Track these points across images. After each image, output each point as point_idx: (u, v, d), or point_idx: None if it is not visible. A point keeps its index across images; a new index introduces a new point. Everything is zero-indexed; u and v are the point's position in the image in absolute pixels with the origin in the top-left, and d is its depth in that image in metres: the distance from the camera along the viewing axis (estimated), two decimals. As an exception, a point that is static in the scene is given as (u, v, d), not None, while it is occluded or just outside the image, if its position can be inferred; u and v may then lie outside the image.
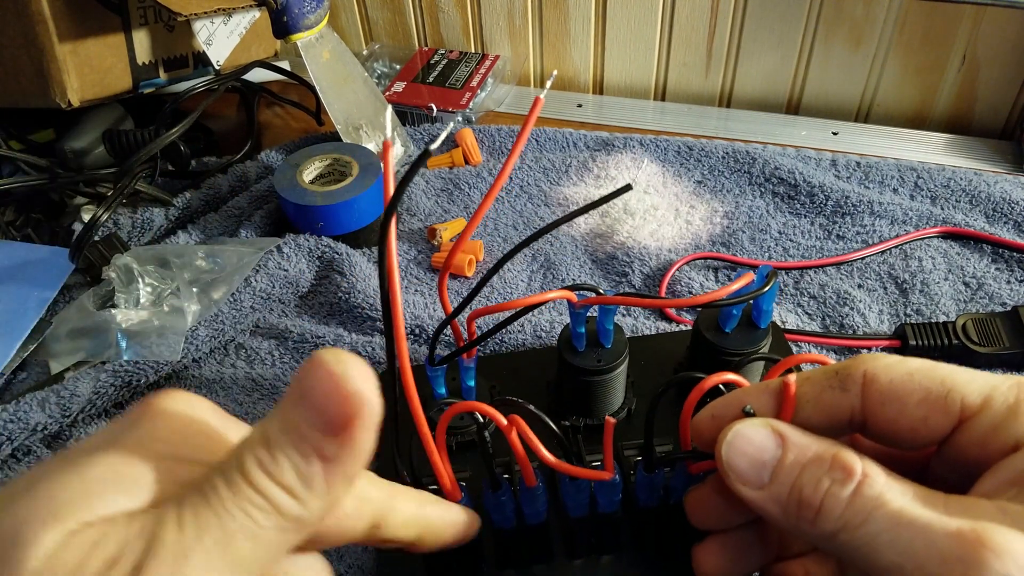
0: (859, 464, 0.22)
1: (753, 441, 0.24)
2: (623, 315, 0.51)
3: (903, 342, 0.47)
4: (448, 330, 0.38)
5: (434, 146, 0.25)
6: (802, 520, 0.22)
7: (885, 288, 0.52)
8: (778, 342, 0.44)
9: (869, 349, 0.48)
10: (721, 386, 0.29)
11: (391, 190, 0.25)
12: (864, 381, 0.24)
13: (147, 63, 0.62)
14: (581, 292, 0.35)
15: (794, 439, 0.24)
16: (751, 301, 0.37)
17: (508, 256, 0.34)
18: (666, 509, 0.35)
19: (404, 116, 0.70)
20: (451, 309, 0.37)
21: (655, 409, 0.30)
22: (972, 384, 0.23)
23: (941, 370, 0.23)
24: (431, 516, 0.27)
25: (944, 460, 0.24)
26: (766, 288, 0.35)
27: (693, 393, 0.27)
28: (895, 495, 0.21)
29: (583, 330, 0.37)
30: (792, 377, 0.25)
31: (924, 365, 0.23)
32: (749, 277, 0.34)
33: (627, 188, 0.30)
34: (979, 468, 0.22)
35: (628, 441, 0.37)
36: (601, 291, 0.36)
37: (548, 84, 0.30)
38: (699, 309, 0.41)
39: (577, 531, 0.34)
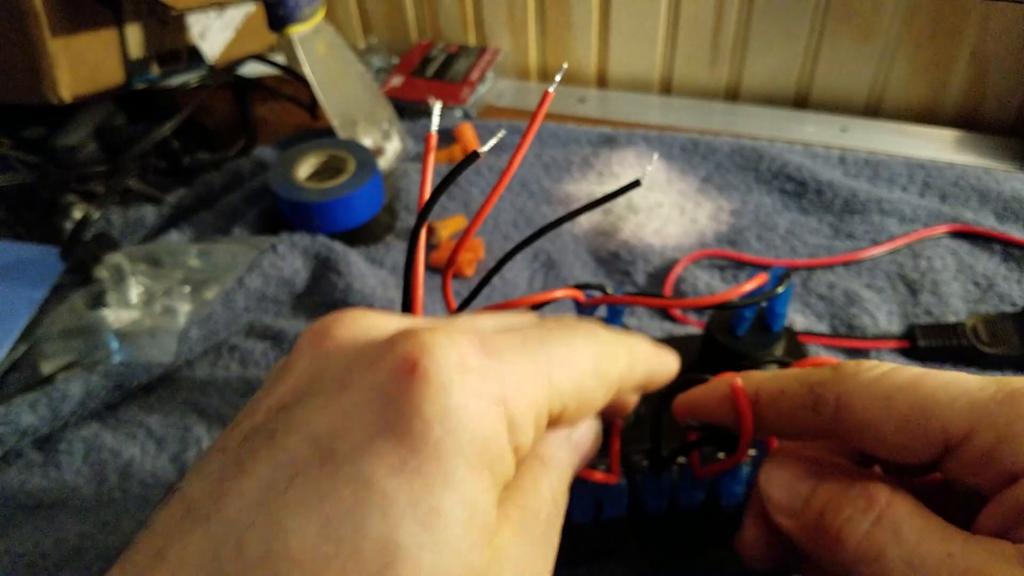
0: (884, 495, 0.21)
1: (792, 469, 0.24)
2: (625, 315, 0.50)
3: (912, 343, 0.46)
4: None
5: (484, 150, 0.24)
6: (825, 549, 0.22)
7: (894, 288, 0.51)
8: (792, 346, 0.43)
9: (878, 350, 0.47)
10: None
11: (429, 188, 0.25)
12: (837, 407, 0.22)
13: (140, 58, 0.61)
14: (589, 291, 0.34)
15: (831, 469, 0.23)
16: (764, 303, 0.36)
17: (510, 254, 0.33)
18: (673, 515, 0.34)
19: (402, 111, 0.69)
20: (454, 307, 0.36)
21: (662, 411, 0.29)
22: (955, 406, 0.21)
23: (924, 389, 0.21)
24: (656, 377, 0.27)
25: (947, 473, 0.23)
26: (780, 290, 0.34)
27: None
28: (911, 531, 0.20)
29: (589, 331, 0.36)
30: (739, 381, 0.25)
31: (907, 384, 0.21)
32: (763, 278, 0.33)
33: (635, 184, 0.29)
34: (980, 490, 0.21)
35: (635, 446, 0.36)
36: (609, 290, 0.35)
37: (558, 77, 0.28)
38: (709, 310, 0.40)
39: (581, 537, 0.33)
